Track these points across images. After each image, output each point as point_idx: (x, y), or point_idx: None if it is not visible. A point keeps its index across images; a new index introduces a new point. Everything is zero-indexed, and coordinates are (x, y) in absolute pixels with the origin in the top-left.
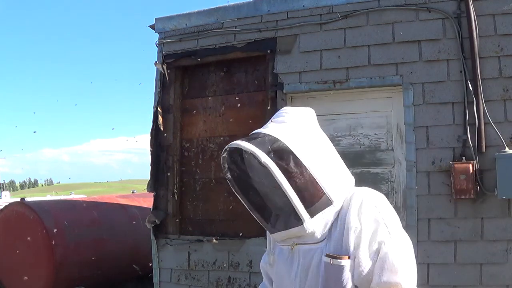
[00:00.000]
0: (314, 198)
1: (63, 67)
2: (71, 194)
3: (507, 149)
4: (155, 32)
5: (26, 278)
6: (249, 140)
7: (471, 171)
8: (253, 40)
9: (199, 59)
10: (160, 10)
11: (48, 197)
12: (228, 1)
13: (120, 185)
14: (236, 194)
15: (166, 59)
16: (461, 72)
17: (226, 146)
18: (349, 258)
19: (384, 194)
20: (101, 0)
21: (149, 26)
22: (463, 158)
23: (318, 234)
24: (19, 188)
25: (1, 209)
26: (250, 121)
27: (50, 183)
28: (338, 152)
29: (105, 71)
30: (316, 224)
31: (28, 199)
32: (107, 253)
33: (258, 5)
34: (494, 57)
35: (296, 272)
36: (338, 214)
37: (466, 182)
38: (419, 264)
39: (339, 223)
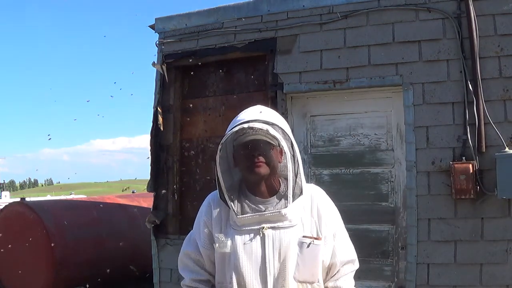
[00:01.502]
0: (295, 186)
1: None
2: (71, 194)
3: (507, 149)
4: (155, 32)
5: (25, 277)
6: (268, 124)
7: (471, 171)
8: (253, 40)
9: (199, 59)
10: (160, 10)
11: (48, 197)
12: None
13: (120, 185)
14: (220, 174)
15: (166, 59)
16: (461, 72)
17: (245, 125)
18: (320, 239)
19: (384, 194)
20: (101, 1)
21: (149, 26)
22: (463, 158)
23: (293, 218)
24: (19, 188)
25: (1, 209)
26: None
27: (50, 183)
28: (338, 152)
29: (105, 71)
30: (294, 208)
31: (28, 199)
32: (107, 253)
33: (258, 5)
34: (494, 57)
35: (271, 252)
36: (307, 203)
37: (466, 182)
38: (419, 264)
39: (311, 211)
